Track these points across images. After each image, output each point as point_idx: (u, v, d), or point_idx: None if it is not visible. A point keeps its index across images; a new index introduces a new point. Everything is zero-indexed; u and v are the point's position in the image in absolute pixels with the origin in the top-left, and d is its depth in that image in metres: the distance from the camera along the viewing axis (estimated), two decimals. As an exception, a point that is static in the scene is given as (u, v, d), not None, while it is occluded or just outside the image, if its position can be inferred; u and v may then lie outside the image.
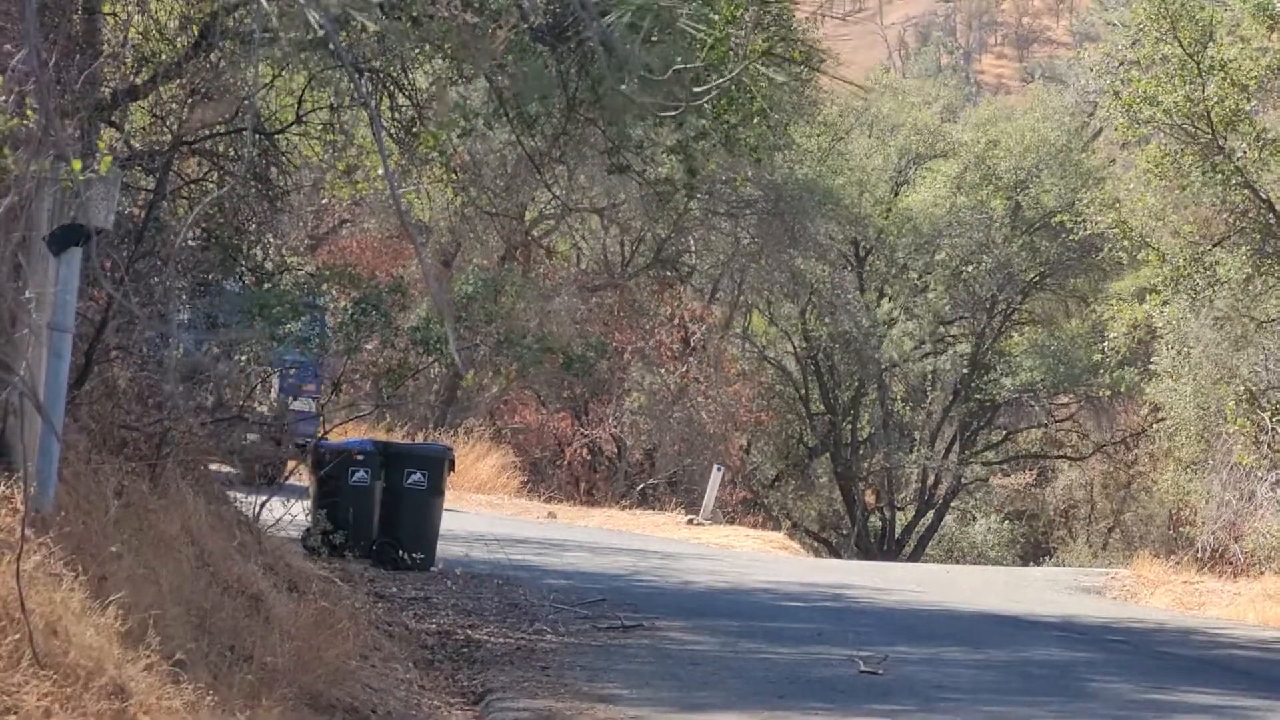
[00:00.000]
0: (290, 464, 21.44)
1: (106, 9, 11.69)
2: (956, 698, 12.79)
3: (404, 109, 14.35)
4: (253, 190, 13.45)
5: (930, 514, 51.25)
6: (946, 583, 24.55)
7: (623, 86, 12.97)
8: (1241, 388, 26.34)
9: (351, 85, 12.80)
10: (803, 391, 50.20)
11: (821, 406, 49.98)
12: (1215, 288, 26.03)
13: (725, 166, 34.43)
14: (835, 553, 47.87)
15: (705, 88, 12.41)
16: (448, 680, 12.27)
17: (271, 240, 14.56)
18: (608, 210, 39.90)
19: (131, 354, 11.47)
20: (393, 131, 13.75)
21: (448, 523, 20.28)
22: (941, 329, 50.02)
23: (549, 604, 16.46)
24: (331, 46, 10.33)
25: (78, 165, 6.92)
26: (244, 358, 13.49)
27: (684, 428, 41.17)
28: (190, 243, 12.53)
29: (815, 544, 48.09)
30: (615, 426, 40.34)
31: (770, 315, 49.90)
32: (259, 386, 15.26)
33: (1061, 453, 52.82)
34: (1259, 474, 26.13)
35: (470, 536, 22.66)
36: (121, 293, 9.20)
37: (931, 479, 51.06)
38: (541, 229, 41.27)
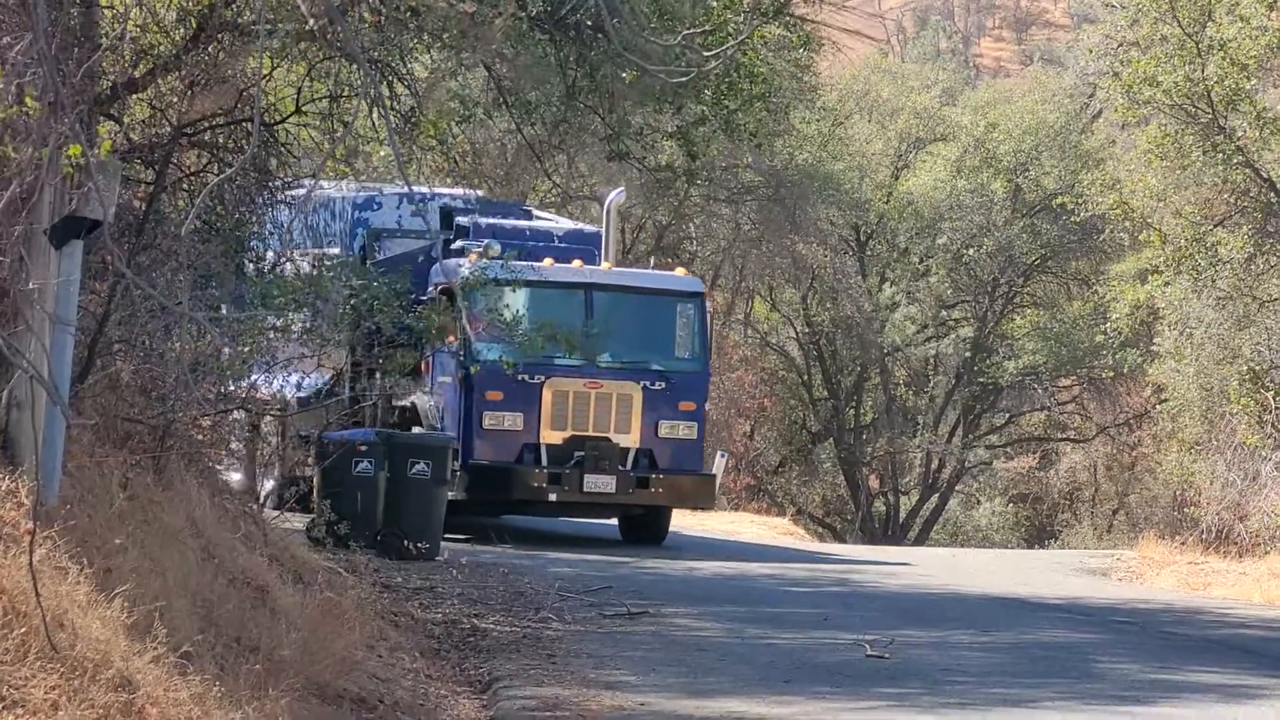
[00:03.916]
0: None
1: (104, 2, 11.67)
2: (964, 680, 12.80)
3: (403, 99, 14.33)
4: (253, 180, 13.45)
5: (934, 498, 51.23)
6: (952, 566, 24.55)
7: (623, 74, 12.96)
8: (1245, 367, 26.27)
9: (353, 74, 12.79)
10: (805, 377, 50.16)
11: (824, 392, 49.95)
12: (1217, 267, 25.97)
13: (725, 153, 34.39)
14: (840, 538, 47.85)
15: (712, 53, 12.39)
16: (454, 669, 12.27)
17: (272, 230, 14.55)
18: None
19: (134, 347, 11.45)
20: (392, 121, 13.73)
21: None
22: (943, 313, 49.96)
23: (554, 592, 16.43)
24: (329, 36, 10.32)
25: (76, 150, 6.89)
26: (246, 348, 13.48)
27: (687, 415, 41.05)
28: (192, 234, 12.51)
29: (820, 529, 48.06)
30: (619, 414, 40.24)
31: (772, 301, 49.86)
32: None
33: (1065, 435, 52.77)
34: (1263, 453, 26.06)
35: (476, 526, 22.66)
36: (132, 269, 9.18)
37: (935, 463, 51.03)
38: (542, 217, 41.19)
